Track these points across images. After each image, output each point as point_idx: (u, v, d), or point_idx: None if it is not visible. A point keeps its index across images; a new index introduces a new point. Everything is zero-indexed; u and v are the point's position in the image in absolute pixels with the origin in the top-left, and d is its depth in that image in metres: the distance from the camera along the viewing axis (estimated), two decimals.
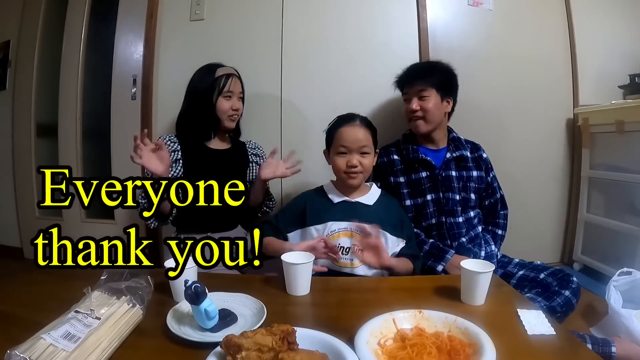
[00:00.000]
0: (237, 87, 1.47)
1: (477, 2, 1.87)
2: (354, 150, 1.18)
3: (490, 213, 1.53)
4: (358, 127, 1.20)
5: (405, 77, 1.48)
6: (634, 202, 1.63)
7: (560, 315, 1.21)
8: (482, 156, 1.52)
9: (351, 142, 1.18)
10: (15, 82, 2.21)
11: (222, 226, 1.49)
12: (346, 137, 1.19)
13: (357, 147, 1.18)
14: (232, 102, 1.43)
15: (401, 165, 1.45)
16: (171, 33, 1.87)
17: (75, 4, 2.07)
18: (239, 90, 1.48)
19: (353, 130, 1.19)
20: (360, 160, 1.18)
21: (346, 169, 1.18)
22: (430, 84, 1.40)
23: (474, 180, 1.45)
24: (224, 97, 1.42)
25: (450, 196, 1.40)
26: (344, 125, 1.21)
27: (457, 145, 1.48)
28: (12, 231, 2.28)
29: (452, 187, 1.41)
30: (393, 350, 0.65)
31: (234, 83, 1.44)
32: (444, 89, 1.42)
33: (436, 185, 1.41)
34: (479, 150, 1.53)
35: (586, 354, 0.70)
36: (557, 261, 2.00)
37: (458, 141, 1.49)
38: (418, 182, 1.42)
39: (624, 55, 1.96)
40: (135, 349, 0.68)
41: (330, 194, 1.24)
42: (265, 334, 0.61)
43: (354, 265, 1.14)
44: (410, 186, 1.43)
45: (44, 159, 2.21)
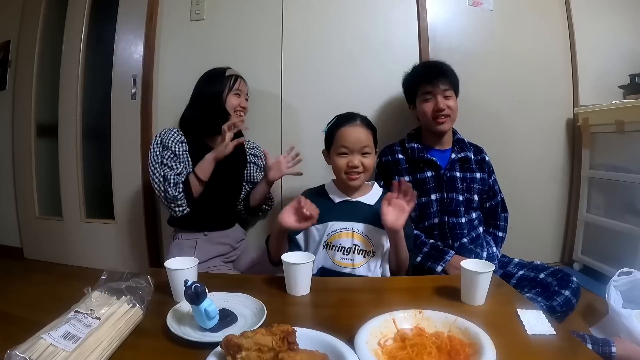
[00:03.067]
0: (244, 89, 1.53)
1: (477, 2, 1.86)
2: (355, 150, 1.17)
3: (491, 215, 1.53)
4: (359, 127, 1.18)
5: (427, 76, 1.45)
6: (634, 202, 1.63)
7: (560, 315, 1.21)
8: (485, 159, 1.52)
9: (352, 142, 1.16)
10: (15, 82, 2.21)
11: (220, 225, 1.50)
12: (347, 138, 1.17)
13: (359, 147, 1.17)
14: (240, 99, 1.48)
15: (406, 164, 1.45)
16: (171, 33, 1.87)
17: (75, 4, 2.07)
18: (245, 91, 1.53)
19: (354, 130, 1.17)
20: (362, 161, 1.17)
21: (347, 169, 1.17)
22: (451, 83, 1.42)
23: (477, 181, 1.46)
24: (234, 94, 1.47)
25: (454, 197, 1.41)
26: (345, 126, 1.19)
27: (462, 147, 1.48)
28: (12, 231, 2.28)
29: (456, 187, 1.42)
30: (393, 350, 0.65)
31: (242, 84, 1.50)
32: (457, 89, 1.45)
33: (441, 186, 1.41)
34: (482, 153, 1.53)
35: (586, 354, 0.70)
36: (557, 261, 2.00)
37: (462, 142, 1.50)
38: (423, 182, 1.42)
39: (624, 55, 1.96)
40: (135, 349, 0.68)
41: (331, 193, 1.23)
42: (265, 334, 0.61)
43: (354, 265, 1.14)
44: (415, 185, 1.41)
45: (44, 159, 2.21)
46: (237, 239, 1.57)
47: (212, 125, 1.42)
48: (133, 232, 1.97)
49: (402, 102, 1.61)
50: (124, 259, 1.98)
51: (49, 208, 2.21)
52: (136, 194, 1.93)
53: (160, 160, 1.35)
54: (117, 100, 1.96)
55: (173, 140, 1.38)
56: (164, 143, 1.37)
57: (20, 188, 2.25)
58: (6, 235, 2.30)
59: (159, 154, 1.35)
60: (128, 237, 1.99)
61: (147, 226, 1.92)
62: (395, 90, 1.65)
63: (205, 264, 1.38)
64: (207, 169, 1.35)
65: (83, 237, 2.09)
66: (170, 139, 1.38)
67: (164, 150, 1.36)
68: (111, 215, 2.02)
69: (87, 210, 2.10)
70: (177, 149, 1.37)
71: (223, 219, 1.52)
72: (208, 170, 1.35)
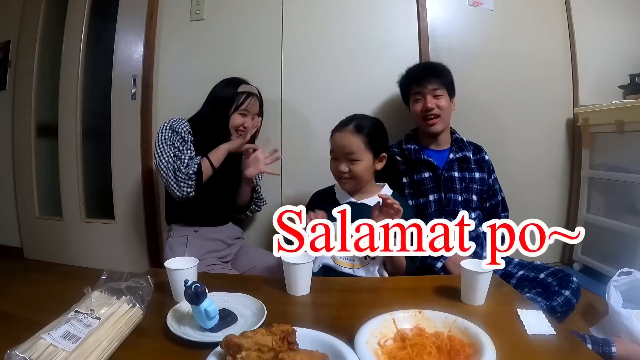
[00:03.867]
0: (254, 108, 1.51)
1: (477, 2, 1.86)
2: (341, 156, 1.19)
3: (492, 215, 1.51)
4: (349, 133, 1.18)
5: (417, 76, 1.46)
6: (634, 202, 1.63)
7: (560, 315, 1.20)
8: (485, 158, 1.52)
9: (339, 148, 1.19)
10: (15, 82, 2.21)
11: (213, 220, 1.51)
12: (335, 143, 1.21)
13: (344, 153, 1.18)
14: (245, 120, 1.47)
15: (404, 165, 1.45)
16: (171, 33, 1.87)
17: (75, 4, 2.07)
18: (255, 111, 1.52)
19: (341, 137, 1.19)
20: (349, 167, 1.18)
21: (337, 174, 1.21)
22: (441, 83, 1.42)
23: (476, 181, 1.45)
24: (239, 113, 1.46)
25: (452, 197, 1.41)
26: (336, 131, 1.22)
27: (460, 147, 1.48)
28: (12, 231, 2.28)
29: (455, 188, 1.41)
30: (393, 350, 0.65)
31: (252, 103, 1.49)
32: (451, 89, 1.45)
33: (439, 186, 1.41)
34: (482, 152, 1.53)
35: (586, 354, 0.70)
36: (557, 261, 2.00)
37: (461, 142, 1.50)
38: (421, 183, 1.42)
39: (624, 55, 1.96)
40: (135, 349, 0.68)
41: (338, 194, 1.25)
42: (265, 334, 0.61)
43: (354, 266, 1.14)
44: (413, 186, 1.43)
45: (44, 159, 2.21)
46: (231, 236, 1.56)
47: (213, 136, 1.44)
48: (133, 232, 1.97)
49: (402, 102, 1.61)
50: (124, 259, 1.98)
51: (49, 208, 2.21)
52: (136, 194, 1.93)
53: (171, 142, 1.37)
54: (117, 100, 1.96)
55: (183, 128, 1.41)
56: (173, 128, 1.40)
57: (20, 188, 2.25)
58: (6, 235, 2.30)
59: (169, 137, 1.38)
60: (128, 237, 1.99)
61: (147, 226, 1.92)
62: (395, 90, 1.64)
63: (202, 263, 1.38)
64: (220, 156, 1.39)
65: (83, 237, 2.09)
66: (180, 126, 1.41)
67: (174, 135, 1.39)
68: (111, 215, 2.02)
69: (87, 210, 2.10)
70: (186, 137, 1.40)
71: (217, 214, 1.53)
72: (221, 157, 1.39)
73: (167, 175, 1.33)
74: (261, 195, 1.67)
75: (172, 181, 1.33)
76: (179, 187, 1.33)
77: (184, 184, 1.33)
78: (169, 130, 1.40)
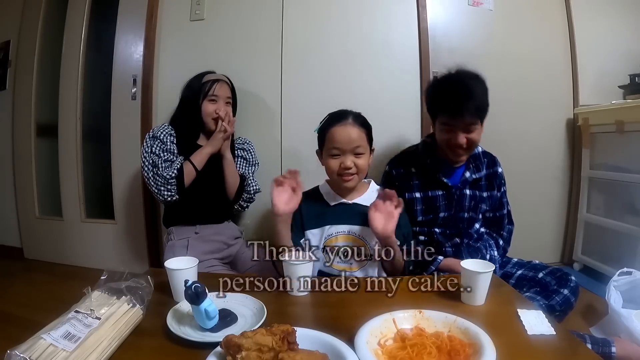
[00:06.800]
0: (224, 92, 1.52)
1: (477, 2, 1.86)
2: (347, 151, 1.11)
3: (496, 224, 1.46)
4: (351, 126, 1.12)
5: (450, 109, 1.26)
6: (634, 202, 1.63)
7: (560, 314, 1.21)
8: (497, 171, 1.43)
9: (344, 143, 1.10)
10: (15, 82, 2.21)
11: (211, 218, 1.52)
12: (338, 138, 1.11)
13: (351, 147, 1.10)
14: (216, 105, 1.49)
15: (418, 180, 1.37)
16: (171, 33, 1.87)
17: (75, 4, 2.07)
18: (226, 94, 1.53)
19: (345, 129, 1.11)
20: (355, 162, 1.11)
21: (340, 170, 1.11)
22: (476, 114, 1.25)
23: (485, 201, 1.39)
24: (209, 100, 1.49)
25: (459, 215, 1.36)
26: (336, 125, 1.13)
27: (478, 166, 1.38)
28: (12, 231, 2.28)
29: (464, 206, 1.36)
30: (393, 350, 0.65)
31: (219, 88, 1.51)
32: (485, 114, 1.30)
33: (450, 205, 1.35)
34: (495, 166, 1.44)
35: (586, 354, 0.70)
36: (557, 261, 2.00)
37: (478, 159, 1.40)
38: (434, 199, 1.35)
39: (624, 55, 1.96)
40: (135, 349, 0.68)
41: (326, 196, 1.18)
42: (265, 334, 0.61)
43: (352, 269, 1.12)
44: (426, 203, 1.36)
45: (44, 159, 2.21)
46: (230, 237, 1.56)
47: (193, 129, 1.50)
48: (133, 232, 1.97)
49: (402, 102, 1.61)
50: (124, 259, 1.98)
51: (49, 208, 2.21)
52: (136, 194, 1.93)
53: (150, 150, 1.42)
54: (117, 100, 1.96)
55: (162, 133, 1.46)
56: (154, 134, 1.45)
57: (20, 188, 2.25)
58: (6, 235, 2.30)
59: (149, 145, 1.43)
60: (128, 237, 1.99)
61: (147, 226, 1.92)
62: (395, 90, 1.65)
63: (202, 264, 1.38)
64: (202, 159, 1.44)
65: (83, 237, 2.09)
66: (160, 130, 1.46)
67: (153, 141, 1.44)
68: (111, 215, 2.02)
69: (87, 210, 2.10)
70: (166, 140, 1.45)
71: (214, 212, 1.53)
72: (203, 159, 1.44)
73: (149, 182, 1.40)
74: (250, 189, 1.58)
75: (153, 187, 1.40)
76: (159, 191, 1.39)
77: (163, 187, 1.38)
78: (150, 138, 1.45)
